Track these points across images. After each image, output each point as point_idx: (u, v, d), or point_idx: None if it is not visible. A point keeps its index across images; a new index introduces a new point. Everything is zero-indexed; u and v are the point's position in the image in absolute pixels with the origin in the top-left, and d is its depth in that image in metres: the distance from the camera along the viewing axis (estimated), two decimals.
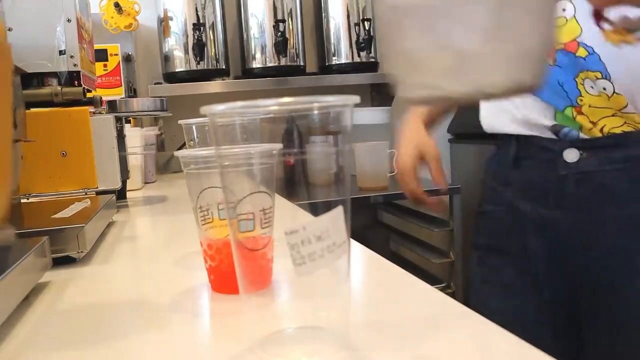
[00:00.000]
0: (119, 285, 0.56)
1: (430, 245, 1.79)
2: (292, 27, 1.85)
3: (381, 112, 1.94)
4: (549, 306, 0.80)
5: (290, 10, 1.84)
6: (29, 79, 0.91)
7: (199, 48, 1.76)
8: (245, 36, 1.87)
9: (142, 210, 1.07)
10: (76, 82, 0.93)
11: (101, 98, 1.00)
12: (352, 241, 0.58)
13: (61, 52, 0.92)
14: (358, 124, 1.85)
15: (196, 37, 1.75)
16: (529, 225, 0.78)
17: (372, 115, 1.92)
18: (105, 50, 1.74)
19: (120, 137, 1.05)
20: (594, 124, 0.71)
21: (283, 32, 1.80)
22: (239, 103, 0.30)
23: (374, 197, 1.56)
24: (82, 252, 0.62)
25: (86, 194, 0.93)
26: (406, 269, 0.51)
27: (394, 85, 0.33)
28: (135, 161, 1.34)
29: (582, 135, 0.72)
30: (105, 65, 1.75)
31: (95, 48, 1.12)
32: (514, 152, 0.79)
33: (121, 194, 1.13)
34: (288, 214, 0.33)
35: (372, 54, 1.93)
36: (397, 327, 0.39)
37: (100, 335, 0.41)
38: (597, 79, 0.69)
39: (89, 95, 0.94)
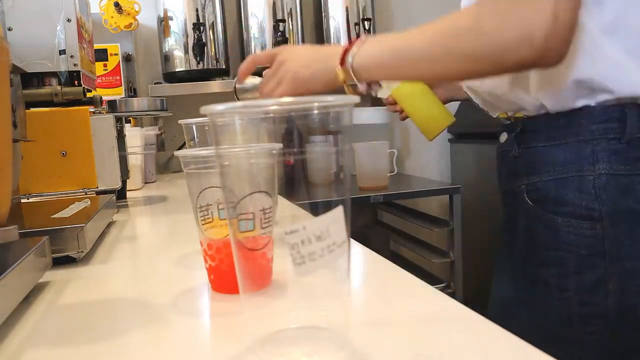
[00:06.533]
0: (119, 285, 0.56)
1: (430, 245, 1.79)
2: (292, 27, 1.85)
3: (381, 112, 1.94)
4: None
5: (290, 10, 1.84)
6: (29, 79, 0.91)
7: (199, 48, 1.76)
8: (245, 36, 1.87)
9: (142, 210, 1.07)
10: (76, 82, 0.93)
11: (101, 98, 1.00)
12: (352, 241, 0.58)
13: (61, 52, 0.92)
14: (358, 124, 1.85)
15: (196, 37, 1.75)
16: None
17: (372, 115, 1.92)
18: (105, 50, 1.74)
19: (120, 137, 1.05)
20: None
21: (283, 32, 1.80)
22: (239, 103, 0.30)
23: (374, 197, 1.56)
24: (82, 252, 0.62)
25: (86, 193, 0.93)
26: (406, 269, 0.51)
27: None
28: (135, 161, 1.34)
29: None
30: (105, 65, 1.75)
31: (95, 48, 1.12)
32: None
33: (121, 193, 1.13)
34: (288, 214, 0.34)
35: None
36: (397, 327, 0.39)
37: (100, 335, 0.41)
38: None
39: (89, 95, 0.94)
